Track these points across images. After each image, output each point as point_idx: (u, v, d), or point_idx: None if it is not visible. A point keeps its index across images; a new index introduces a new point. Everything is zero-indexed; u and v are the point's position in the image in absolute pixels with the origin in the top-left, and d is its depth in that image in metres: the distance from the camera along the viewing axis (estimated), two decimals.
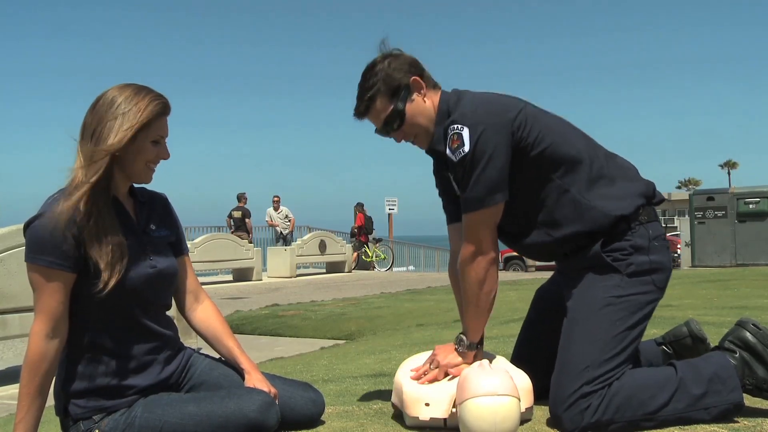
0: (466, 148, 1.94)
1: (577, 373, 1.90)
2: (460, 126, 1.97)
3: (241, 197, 16.49)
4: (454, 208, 2.24)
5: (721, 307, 5.02)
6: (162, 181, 2.00)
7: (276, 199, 17.55)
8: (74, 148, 1.84)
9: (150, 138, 1.85)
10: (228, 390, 1.90)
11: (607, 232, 2.03)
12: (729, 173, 74.64)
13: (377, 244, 19.18)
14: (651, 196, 2.09)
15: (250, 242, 15.50)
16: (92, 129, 1.81)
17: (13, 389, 4.27)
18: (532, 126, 2.01)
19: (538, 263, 19.14)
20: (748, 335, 1.99)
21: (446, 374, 2.02)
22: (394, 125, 2.12)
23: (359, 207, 19.07)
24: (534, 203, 2.06)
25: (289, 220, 17.61)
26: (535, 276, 12.97)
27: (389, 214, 22.20)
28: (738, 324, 2.04)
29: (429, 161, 2.28)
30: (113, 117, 1.80)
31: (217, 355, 2.07)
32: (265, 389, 1.90)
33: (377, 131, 2.18)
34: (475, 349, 2.06)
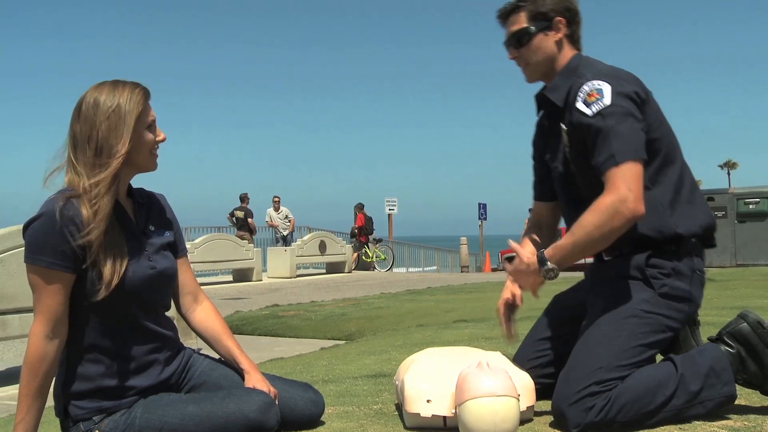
0: (606, 101, 1.96)
1: (590, 371, 1.90)
2: (599, 82, 2.00)
3: (244, 198, 16.56)
4: (543, 187, 2.30)
5: (721, 307, 5.04)
6: (162, 179, 2.01)
7: (276, 199, 17.56)
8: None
9: (144, 126, 1.85)
10: (228, 390, 1.90)
11: (656, 245, 2.02)
12: (729, 173, 74.78)
13: (377, 245, 19.17)
14: (709, 233, 2.09)
15: (252, 242, 15.53)
16: (87, 135, 1.79)
17: (13, 390, 4.27)
18: (652, 111, 2.04)
19: None
20: (749, 332, 1.98)
21: (448, 371, 2.00)
22: (517, 41, 2.18)
23: (359, 207, 19.06)
24: None
25: (289, 221, 17.63)
26: None
27: (389, 215, 22.21)
28: (740, 316, 2.02)
29: (429, 162, 2.30)
30: (105, 117, 1.79)
31: (216, 356, 2.07)
32: (265, 389, 1.90)
33: (504, 41, 2.23)
34: (552, 276, 2.02)
